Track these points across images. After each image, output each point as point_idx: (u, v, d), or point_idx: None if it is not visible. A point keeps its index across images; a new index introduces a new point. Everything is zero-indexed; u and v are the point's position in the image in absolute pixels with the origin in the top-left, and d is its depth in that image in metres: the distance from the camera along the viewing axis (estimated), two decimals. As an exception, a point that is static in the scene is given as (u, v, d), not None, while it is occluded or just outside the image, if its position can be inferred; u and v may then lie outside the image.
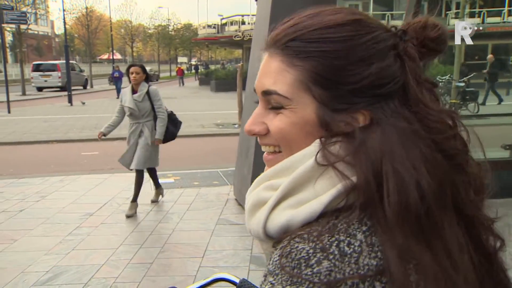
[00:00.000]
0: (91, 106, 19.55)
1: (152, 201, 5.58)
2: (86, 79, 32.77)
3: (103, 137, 5.21)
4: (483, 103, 14.18)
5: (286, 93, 0.62)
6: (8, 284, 3.52)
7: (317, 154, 0.60)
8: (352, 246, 0.55)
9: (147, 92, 5.09)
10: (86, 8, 39.64)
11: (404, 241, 0.55)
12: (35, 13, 33.58)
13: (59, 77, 28.38)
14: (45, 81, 29.01)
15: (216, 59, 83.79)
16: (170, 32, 58.51)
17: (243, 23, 35.52)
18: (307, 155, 0.61)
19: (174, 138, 5.39)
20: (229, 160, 7.73)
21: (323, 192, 0.58)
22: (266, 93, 0.64)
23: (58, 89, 28.54)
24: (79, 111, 17.56)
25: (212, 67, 47.23)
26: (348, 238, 0.55)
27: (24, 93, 25.67)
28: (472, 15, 27.25)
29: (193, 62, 73.57)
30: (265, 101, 0.66)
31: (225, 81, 28.24)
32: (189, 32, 60.15)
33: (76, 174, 7.17)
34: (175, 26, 60.75)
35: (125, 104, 5.07)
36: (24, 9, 25.43)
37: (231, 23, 36.60)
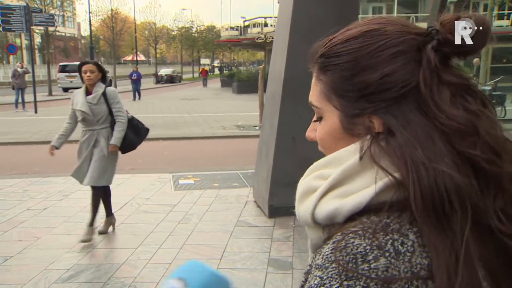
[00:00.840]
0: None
1: (100, 233, 4.63)
2: (110, 80, 33.00)
3: (55, 150, 4.49)
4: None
5: (317, 104, 0.71)
6: (31, 281, 3.60)
7: (365, 150, 0.63)
8: (405, 246, 0.56)
9: (104, 94, 4.39)
10: (112, 10, 40.38)
11: (446, 247, 0.56)
12: (63, 16, 34.32)
13: (84, 78, 28.92)
14: (71, 81, 29.51)
15: (238, 61, 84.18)
16: (193, 34, 59.09)
17: (266, 25, 35.59)
18: (356, 149, 0.64)
19: (134, 148, 4.66)
20: (249, 162, 7.74)
21: (369, 185, 0.61)
22: (310, 104, 0.73)
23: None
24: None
25: (234, 69, 47.54)
26: (402, 238, 0.57)
27: (50, 94, 26.31)
28: (500, 17, 26.65)
29: (216, 63, 74.04)
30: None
31: (247, 83, 28.27)
32: (212, 34, 60.69)
33: (99, 173, 7.28)
34: (198, 28, 61.39)
35: (77, 107, 4.38)
36: (52, 12, 26.02)
37: (254, 25, 36.75)
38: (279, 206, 4.93)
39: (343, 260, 0.55)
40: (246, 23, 39.08)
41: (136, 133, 4.60)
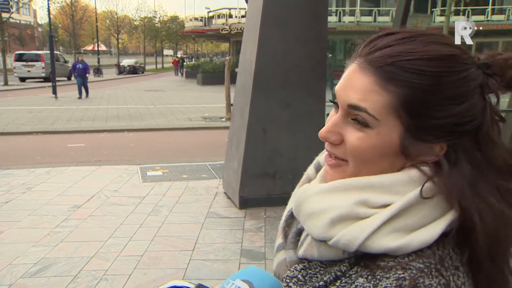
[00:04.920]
0: (78, 98, 19.29)
1: None
2: (71, 70, 32.30)
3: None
4: None
5: (376, 114, 0.62)
6: (-5, 276, 3.48)
7: (425, 182, 0.62)
8: (461, 279, 0.59)
9: None
10: (71, -3, 39.02)
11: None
12: (17, 2, 32.83)
13: (43, 68, 27.86)
14: (28, 71, 28.46)
15: (202, 52, 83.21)
16: (156, 24, 57.91)
17: (230, 16, 35.36)
18: (415, 181, 0.63)
19: None
20: (217, 153, 7.72)
21: (430, 221, 0.61)
22: (354, 108, 0.64)
23: (41, 79, 28.06)
24: (64, 103, 17.32)
25: (197, 60, 47.22)
26: (457, 272, 0.59)
27: (6, 83, 25.22)
28: (457, 13, 27.57)
29: (179, 54, 73.06)
30: (346, 113, 0.65)
31: (212, 75, 28.13)
32: (175, 25, 59.63)
33: (63, 165, 7.08)
34: (161, 18, 60.19)
35: None
36: (6, -3, 24.86)
37: (218, 16, 36.40)
38: (250, 197, 4.95)
39: None
40: (211, 14, 38.63)
41: None
